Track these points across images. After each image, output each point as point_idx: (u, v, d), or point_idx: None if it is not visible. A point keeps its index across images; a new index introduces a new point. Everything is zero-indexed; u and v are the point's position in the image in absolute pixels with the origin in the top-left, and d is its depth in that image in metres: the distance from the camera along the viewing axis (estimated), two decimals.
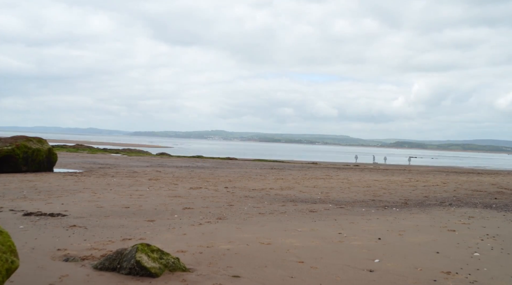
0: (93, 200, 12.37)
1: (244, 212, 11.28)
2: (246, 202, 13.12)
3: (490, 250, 7.84)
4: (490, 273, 6.34)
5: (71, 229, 8.42)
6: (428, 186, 20.81)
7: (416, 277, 6.03)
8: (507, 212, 12.95)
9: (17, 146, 21.07)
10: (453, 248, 7.83)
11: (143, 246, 5.89)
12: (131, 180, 18.53)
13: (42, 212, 10.03)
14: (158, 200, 12.86)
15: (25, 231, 8.08)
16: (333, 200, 14.39)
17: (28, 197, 12.46)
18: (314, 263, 6.54)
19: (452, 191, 18.70)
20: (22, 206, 10.81)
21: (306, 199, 14.43)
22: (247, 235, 8.32)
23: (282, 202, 13.59)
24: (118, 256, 5.88)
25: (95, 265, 5.98)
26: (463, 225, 10.36)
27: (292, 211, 11.84)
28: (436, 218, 11.22)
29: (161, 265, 5.76)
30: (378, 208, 12.97)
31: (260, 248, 7.33)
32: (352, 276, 5.97)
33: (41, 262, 6.13)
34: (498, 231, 9.72)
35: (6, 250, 4.46)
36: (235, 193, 15.22)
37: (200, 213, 10.91)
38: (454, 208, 13.34)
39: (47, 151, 22.53)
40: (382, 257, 7.01)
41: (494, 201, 15.51)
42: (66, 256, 6.43)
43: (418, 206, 13.72)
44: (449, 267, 6.55)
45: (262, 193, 15.57)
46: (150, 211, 10.95)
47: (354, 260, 6.79)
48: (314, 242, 7.96)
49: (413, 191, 18.16)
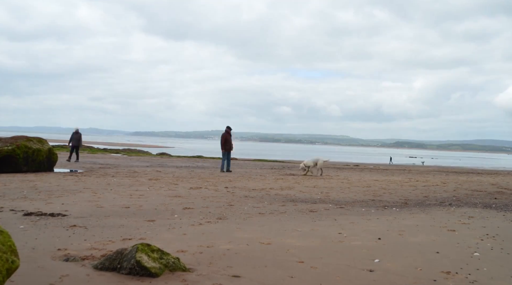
0: (93, 200, 12.38)
1: (244, 212, 11.29)
2: (246, 202, 13.13)
3: (490, 250, 7.85)
4: (490, 273, 6.35)
5: (71, 229, 8.43)
6: (428, 186, 20.81)
7: (416, 277, 6.04)
8: (507, 212, 12.96)
9: (18, 146, 21.08)
10: (453, 248, 7.84)
11: (143, 246, 5.90)
12: (131, 179, 18.54)
13: (43, 212, 10.05)
14: (158, 200, 12.87)
15: (26, 231, 8.09)
16: (333, 200, 14.40)
17: (29, 197, 12.48)
18: (314, 263, 6.54)
19: (452, 191, 18.70)
20: (22, 206, 10.82)
21: (306, 199, 14.44)
22: (247, 235, 8.33)
23: (282, 202, 13.60)
24: (118, 256, 5.88)
25: (95, 265, 5.98)
26: (463, 225, 10.37)
27: (292, 211, 11.85)
28: (436, 218, 11.22)
29: (161, 265, 5.77)
30: (378, 208, 12.98)
31: (260, 248, 7.34)
32: (352, 276, 5.98)
33: (42, 262, 6.14)
34: (498, 231, 9.72)
35: (6, 250, 4.47)
36: (235, 193, 15.23)
37: (200, 213, 10.92)
38: (454, 208, 13.34)
39: (48, 151, 22.54)
40: (382, 257, 7.02)
41: (494, 201, 15.51)
42: (66, 256, 6.44)
43: (418, 205, 13.72)
44: (449, 267, 6.56)
45: (262, 193, 15.58)
46: (150, 211, 10.97)
47: (354, 260, 6.80)
48: (314, 242, 7.97)
49: (413, 191, 18.17)
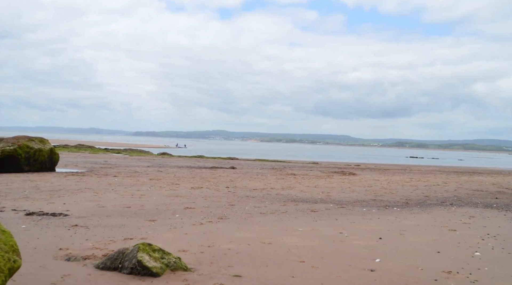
0: (94, 199, 12.40)
1: (245, 212, 11.30)
2: (247, 202, 13.14)
3: (491, 249, 7.85)
4: (491, 273, 6.35)
5: (73, 229, 8.45)
6: (429, 186, 20.80)
7: (417, 276, 6.04)
8: (508, 211, 12.96)
9: (19, 146, 21.13)
10: (454, 248, 7.84)
11: (144, 245, 5.92)
12: (132, 179, 18.56)
13: (44, 212, 10.07)
14: (160, 199, 12.89)
15: (27, 231, 8.11)
16: (334, 200, 14.40)
17: (30, 197, 12.50)
18: (315, 262, 6.55)
19: (453, 191, 18.70)
20: (24, 206, 10.85)
21: (307, 199, 14.44)
22: (248, 235, 8.34)
23: (283, 201, 13.60)
24: (119, 256, 5.90)
25: (97, 265, 6.00)
26: (464, 224, 10.37)
27: (293, 210, 11.85)
28: (437, 218, 11.22)
29: (163, 265, 5.78)
30: (379, 207, 12.98)
31: (261, 248, 7.35)
32: (353, 275, 5.99)
33: (43, 261, 6.16)
34: (499, 230, 9.73)
35: (8, 249, 4.48)
36: (236, 193, 15.24)
37: (201, 212, 10.93)
38: (455, 208, 13.34)
39: (49, 150, 22.58)
40: (383, 256, 7.03)
41: (495, 201, 15.51)
42: (68, 256, 6.46)
43: (419, 205, 13.72)
44: (450, 266, 6.57)
45: (263, 193, 15.59)
46: (151, 210, 10.98)
47: (355, 259, 6.80)
48: (315, 241, 7.98)
49: (414, 191, 18.16)
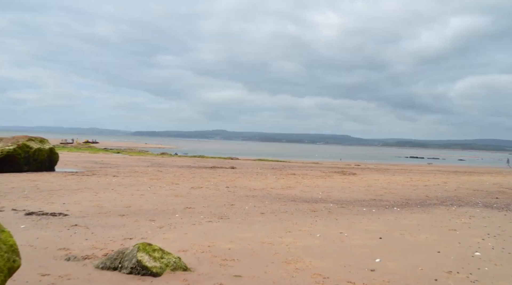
0: (94, 199, 12.39)
1: (245, 212, 11.29)
2: (247, 202, 13.13)
3: (491, 249, 7.85)
4: (491, 273, 6.34)
5: (73, 229, 8.45)
6: (429, 186, 20.79)
7: (417, 276, 6.04)
8: (508, 211, 12.95)
9: (19, 145, 21.12)
10: (454, 248, 7.84)
11: (144, 245, 5.91)
12: (132, 179, 18.56)
13: (44, 212, 10.06)
14: (159, 199, 12.88)
15: (27, 231, 8.10)
16: (334, 200, 14.39)
17: (30, 197, 12.49)
18: (315, 262, 6.55)
19: (453, 191, 18.69)
20: (24, 206, 10.84)
21: (307, 199, 14.43)
22: (248, 235, 8.33)
23: (283, 201, 13.59)
24: (119, 256, 5.89)
25: (97, 265, 5.99)
26: (464, 224, 10.36)
27: (293, 210, 11.84)
28: (437, 218, 11.22)
29: (163, 265, 5.78)
30: (379, 207, 12.97)
31: (261, 248, 7.34)
32: (354, 275, 5.98)
33: (43, 261, 6.15)
34: (499, 230, 9.72)
35: (8, 249, 4.48)
36: (236, 193, 15.23)
37: (201, 212, 10.92)
38: (455, 208, 13.33)
39: (49, 150, 22.58)
40: (384, 256, 7.02)
41: (495, 201, 15.50)
42: (67, 255, 6.45)
43: (419, 205, 13.71)
44: (450, 266, 6.56)
45: (263, 193, 15.58)
46: (151, 210, 10.97)
47: (356, 259, 6.80)
48: (315, 241, 7.97)
49: (414, 191, 18.15)
